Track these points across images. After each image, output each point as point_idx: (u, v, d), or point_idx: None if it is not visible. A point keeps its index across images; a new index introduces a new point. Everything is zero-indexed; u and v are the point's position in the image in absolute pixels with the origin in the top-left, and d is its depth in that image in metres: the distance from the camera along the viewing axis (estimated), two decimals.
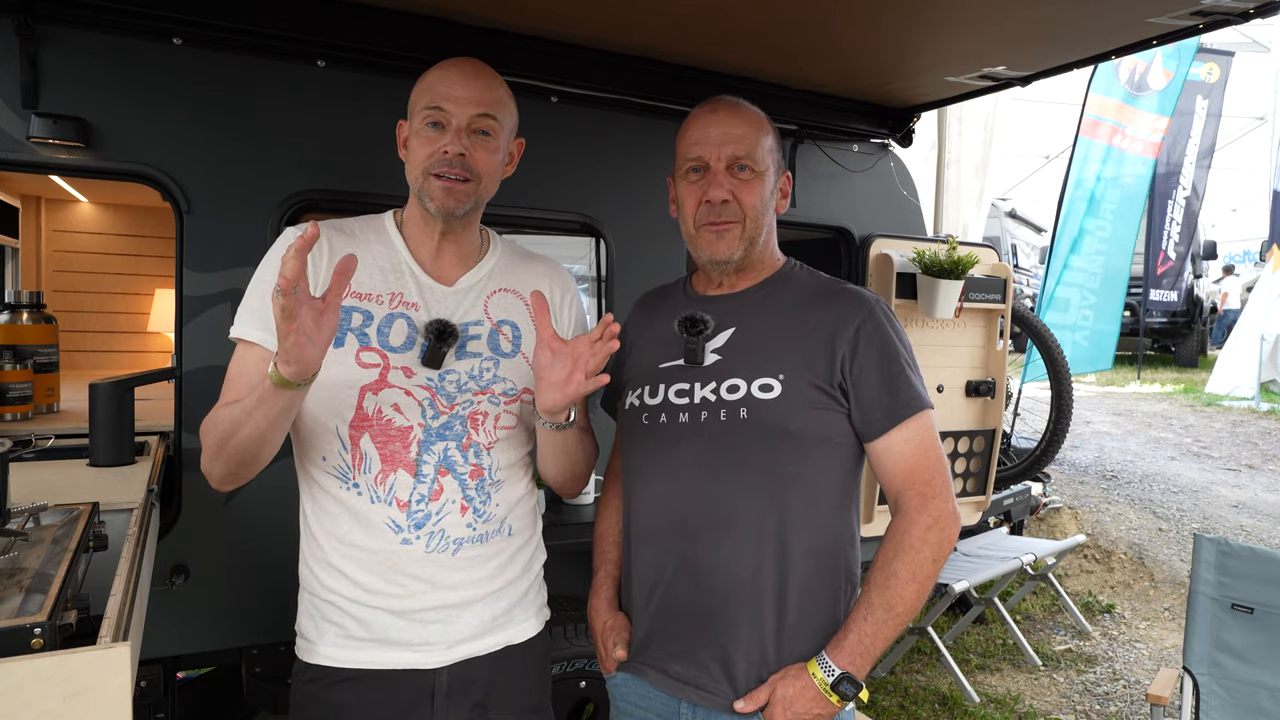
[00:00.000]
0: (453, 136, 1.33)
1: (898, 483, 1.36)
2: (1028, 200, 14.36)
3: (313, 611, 1.39)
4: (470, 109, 1.33)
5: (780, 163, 1.47)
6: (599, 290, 2.65)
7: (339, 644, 1.37)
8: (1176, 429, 8.23)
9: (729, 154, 1.38)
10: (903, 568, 1.31)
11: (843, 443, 1.38)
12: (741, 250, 1.41)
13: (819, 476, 1.37)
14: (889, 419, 1.35)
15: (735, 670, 1.35)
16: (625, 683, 1.47)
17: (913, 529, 1.32)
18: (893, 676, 3.88)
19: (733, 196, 1.38)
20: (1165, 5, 2.01)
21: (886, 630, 1.31)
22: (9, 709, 0.77)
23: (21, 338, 2.48)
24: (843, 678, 1.30)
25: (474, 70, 1.37)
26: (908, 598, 1.31)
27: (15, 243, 3.95)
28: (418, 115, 1.35)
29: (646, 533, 1.45)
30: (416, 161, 1.35)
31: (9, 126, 1.85)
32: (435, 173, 1.33)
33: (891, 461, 1.36)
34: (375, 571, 1.35)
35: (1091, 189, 6.63)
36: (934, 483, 1.34)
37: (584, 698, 2.30)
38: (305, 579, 1.41)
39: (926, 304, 2.98)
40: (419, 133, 1.35)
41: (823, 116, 2.89)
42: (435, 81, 1.35)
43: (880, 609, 1.31)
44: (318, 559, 1.38)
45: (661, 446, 1.43)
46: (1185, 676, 2.35)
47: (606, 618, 1.52)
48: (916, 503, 1.33)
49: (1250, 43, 11.50)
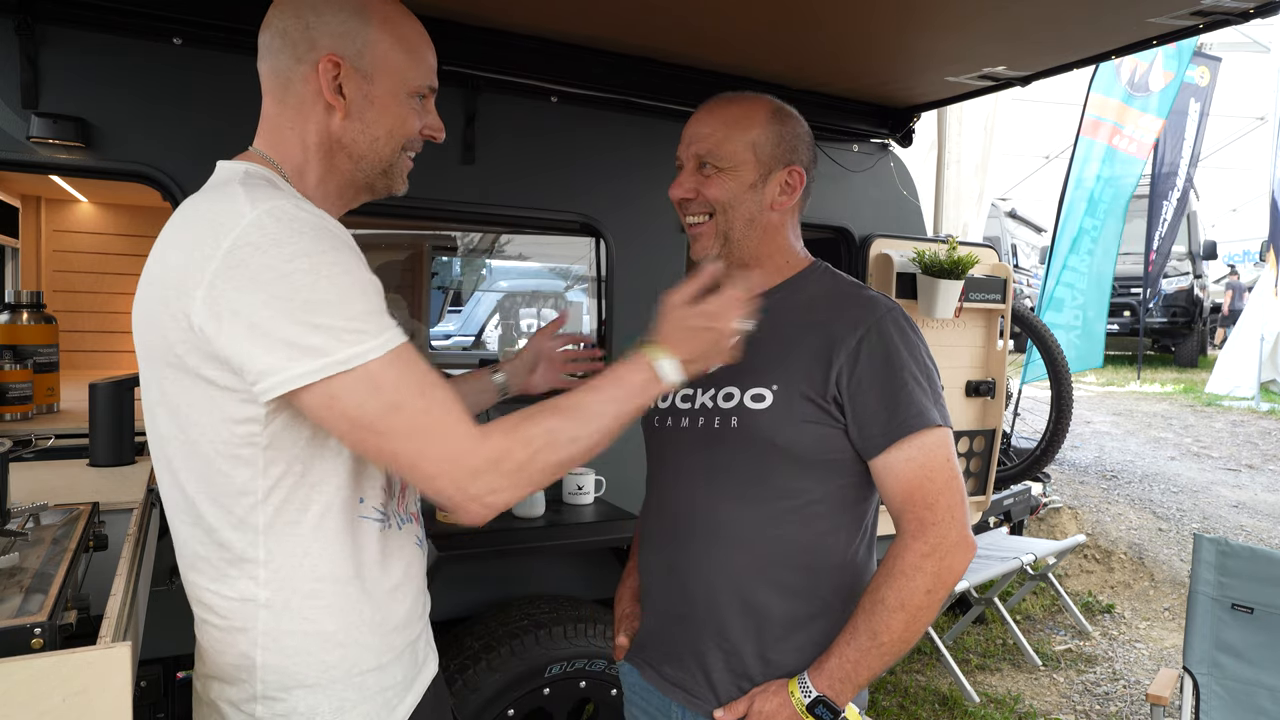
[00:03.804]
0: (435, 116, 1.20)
1: (896, 505, 1.27)
2: (1028, 200, 14.38)
3: (344, 705, 1.09)
4: None
5: (782, 157, 1.39)
6: (599, 290, 2.65)
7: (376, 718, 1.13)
8: (1176, 429, 8.23)
9: (694, 153, 1.38)
10: (891, 595, 1.23)
11: (841, 459, 1.31)
12: (718, 246, 1.38)
13: (814, 492, 1.31)
14: (886, 436, 1.26)
15: (715, 678, 1.35)
16: (630, 674, 1.51)
17: (906, 555, 1.24)
18: (893, 676, 3.88)
19: (696, 192, 1.37)
20: (1165, 5, 2.00)
21: (870, 659, 1.23)
22: (9, 709, 0.77)
23: (21, 338, 2.48)
24: (818, 700, 1.24)
25: None
26: (894, 627, 1.22)
27: (15, 243, 3.94)
28: (408, 82, 1.16)
29: (646, 534, 1.48)
30: (397, 131, 1.15)
31: (9, 126, 1.85)
32: (410, 151, 1.19)
33: (891, 482, 1.27)
34: (413, 598, 1.20)
35: (1091, 189, 6.63)
36: (936, 508, 1.24)
37: (584, 698, 2.30)
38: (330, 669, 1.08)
39: (926, 304, 2.98)
40: (406, 101, 1.15)
41: (823, 116, 2.88)
42: (429, 51, 1.20)
43: (864, 635, 1.24)
44: (358, 640, 1.10)
45: (665, 451, 1.44)
46: (1185, 676, 2.35)
47: (625, 606, 1.55)
48: (914, 528, 1.24)
49: (1250, 43, 11.51)
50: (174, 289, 0.97)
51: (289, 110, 1.12)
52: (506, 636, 2.20)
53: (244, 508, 1.02)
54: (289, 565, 1.05)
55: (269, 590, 1.04)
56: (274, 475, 1.02)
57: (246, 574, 1.04)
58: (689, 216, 1.40)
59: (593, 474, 2.56)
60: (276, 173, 1.11)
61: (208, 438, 1.01)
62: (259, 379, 0.94)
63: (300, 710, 1.06)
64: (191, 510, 1.05)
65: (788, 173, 1.39)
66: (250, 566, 1.04)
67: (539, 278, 6.44)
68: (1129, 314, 11.58)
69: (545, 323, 6.47)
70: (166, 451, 1.06)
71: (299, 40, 1.09)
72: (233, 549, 1.04)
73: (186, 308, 0.95)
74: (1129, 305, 11.39)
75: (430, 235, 4.52)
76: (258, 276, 0.93)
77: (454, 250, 5.25)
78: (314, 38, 1.09)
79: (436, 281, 5.72)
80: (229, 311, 0.93)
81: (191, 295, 0.95)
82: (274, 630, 1.05)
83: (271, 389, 0.94)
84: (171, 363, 0.99)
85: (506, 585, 2.45)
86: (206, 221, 0.98)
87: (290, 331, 0.93)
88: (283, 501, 1.03)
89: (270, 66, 1.12)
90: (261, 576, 1.04)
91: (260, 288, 0.93)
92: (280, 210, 0.97)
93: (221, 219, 0.96)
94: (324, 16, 1.09)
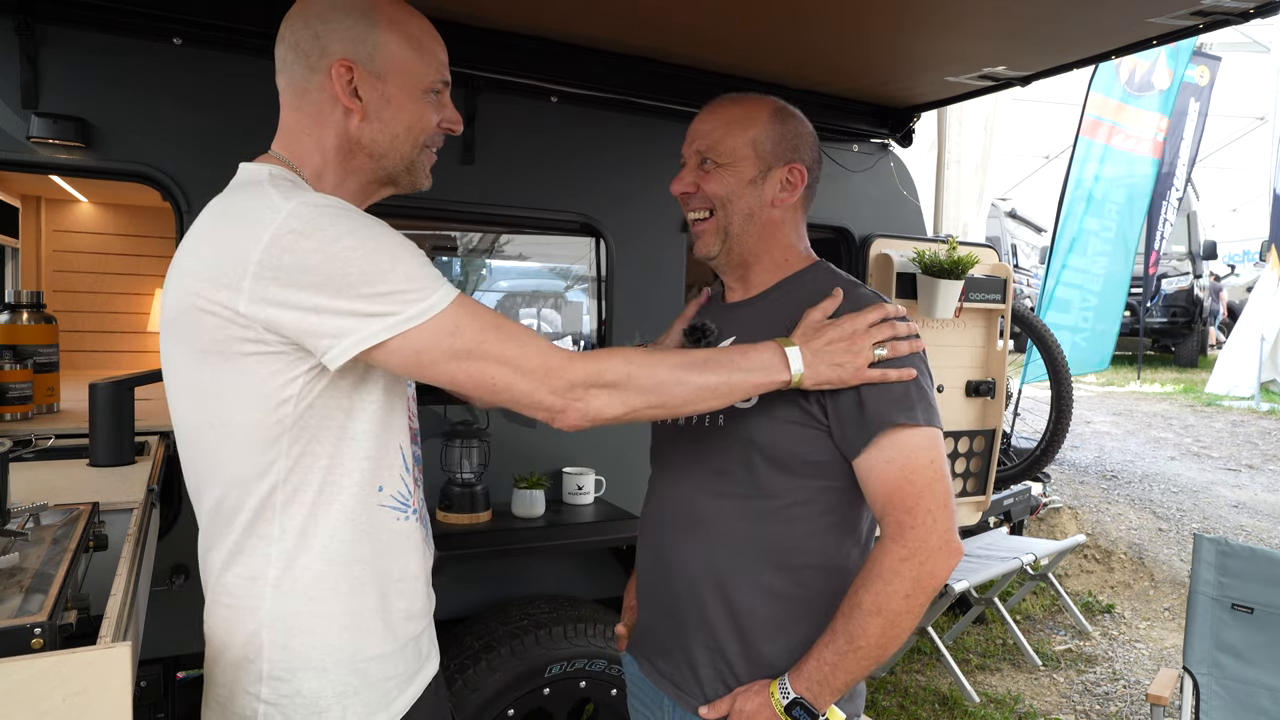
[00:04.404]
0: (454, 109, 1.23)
1: (878, 508, 1.26)
2: (1028, 200, 14.36)
3: (346, 690, 1.11)
4: None
5: (783, 155, 1.40)
6: (599, 290, 2.65)
7: (374, 711, 1.14)
8: (1176, 429, 8.23)
9: (695, 150, 1.41)
10: (868, 599, 1.21)
11: (824, 461, 1.29)
12: (719, 244, 1.40)
13: (798, 494, 1.31)
14: (863, 435, 1.25)
15: (702, 674, 1.36)
16: (630, 665, 1.55)
17: (885, 559, 1.21)
18: (893, 676, 3.88)
19: (696, 187, 1.40)
20: (1165, 5, 2.01)
21: (848, 663, 1.22)
22: (9, 709, 0.77)
23: (21, 338, 2.48)
24: (795, 703, 1.24)
25: None
26: (870, 632, 1.20)
27: (15, 243, 3.94)
28: (421, 79, 1.18)
29: (642, 528, 1.51)
30: (416, 127, 1.19)
31: (9, 126, 1.85)
32: (431, 146, 1.22)
33: (871, 484, 1.26)
34: (421, 591, 1.23)
35: (1090, 189, 6.63)
36: (916, 511, 1.21)
37: (584, 698, 2.30)
38: (336, 652, 1.10)
39: (926, 304, 2.98)
40: (422, 97, 1.18)
41: (823, 116, 2.88)
42: (438, 47, 1.22)
43: (842, 639, 1.22)
44: (364, 625, 1.13)
45: (662, 447, 1.49)
46: (1185, 676, 2.35)
47: (630, 598, 1.60)
48: (894, 531, 1.22)
49: (1250, 43, 11.51)
50: (211, 282, 1.01)
51: (306, 117, 1.16)
52: (506, 636, 2.20)
53: (265, 488, 1.06)
54: (302, 545, 1.08)
55: (278, 568, 1.08)
56: (294, 456, 1.06)
57: (260, 552, 1.08)
58: (691, 213, 1.43)
59: (592, 474, 2.56)
60: (298, 175, 1.15)
61: (237, 420, 1.05)
62: (330, 347, 1.00)
63: (304, 692, 1.09)
64: (212, 491, 1.09)
65: (788, 170, 1.40)
66: (264, 544, 1.07)
67: (539, 278, 6.44)
68: (1129, 314, 11.57)
69: (545, 322, 6.47)
70: (190, 435, 1.11)
71: (310, 50, 1.13)
72: (250, 528, 1.08)
73: (230, 299, 0.99)
74: (1129, 305, 11.38)
75: (430, 235, 4.52)
76: (305, 260, 0.98)
77: (454, 250, 5.25)
78: (325, 46, 1.13)
79: None
80: (284, 296, 0.98)
81: (235, 286, 0.99)
82: (282, 610, 1.08)
83: (344, 352, 1.00)
84: (206, 349, 1.03)
85: (506, 585, 2.46)
86: (243, 215, 1.03)
87: (353, 305, 0.99)
88: (301, 483, 1.07)
89: (287, 79, 1.16)
90: (274, 554, 1.08)
91: (311, 270, 0.98)
92: (314, 200, 1.03)
93: (259, 213, 1.01)
94: (332, 24, 1.13)
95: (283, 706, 1.08)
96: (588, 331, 4.90)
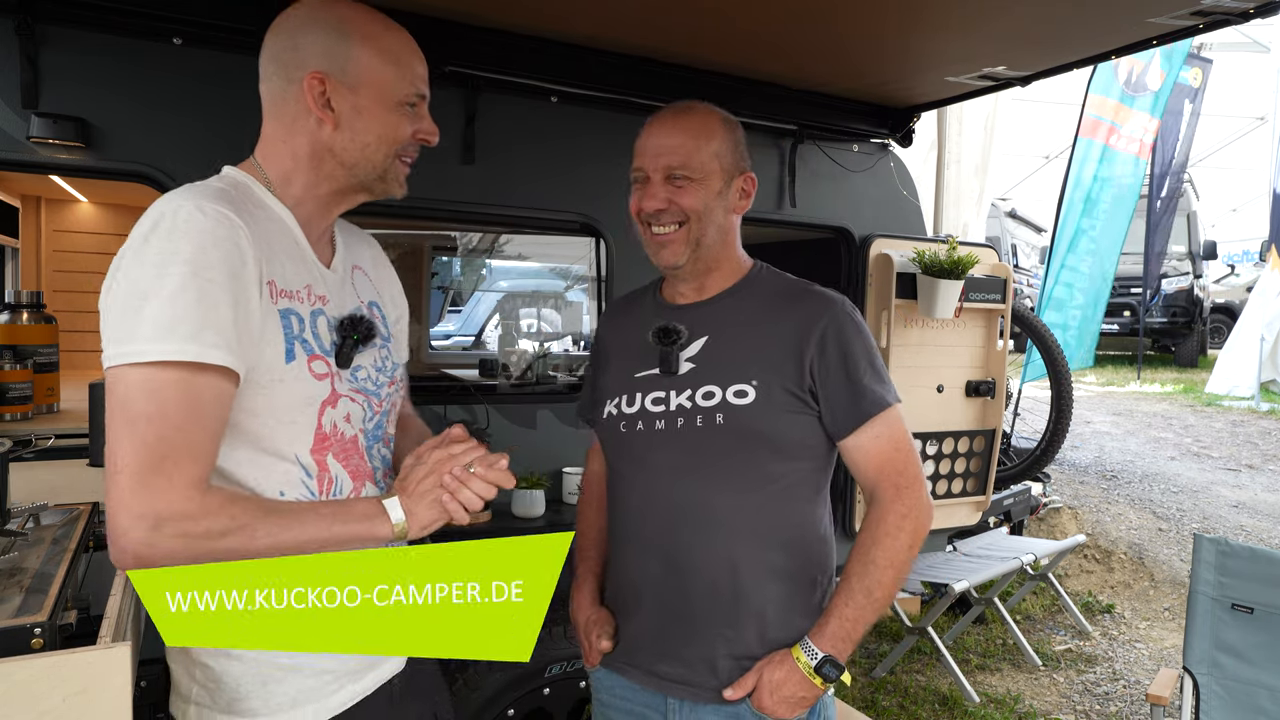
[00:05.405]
0: (429, 121, 1.26)
1: (871, 477, 1.42)
2: (1028, 200, 14.35)
3: (259, 677, 1.15)
4: None
5: (739, 164, 1.46)
6: (599, 290, 2.65)
7: (301, 702, 1.17)
8: (1176, 429, 8.23)
9: (663, 165, 1.41)
10: (880, 555, 1.37)
11: (814, 443, 1.43)
12: (688, 254, 1.43)
13: (792, 476, 1.41)
14: (856, 418, 1.39)
15: (719, 665, 1.40)
16: (607, 677, 1.52)
17: (888, 518, 1.38)
18: (893, 676, 3.88)
19: (670, 203, 1.41)
20: (1165, 5, 2.01)
21: (866, 614, 1.37)
22: (9, 709, 0.77)
23: (21, 338, 2.48)
24: (825, 660, 1.35)
25: None
26: (885, 583, 1.37)
27: (15, 243, 3.94)
28: (395, 92, 1.21)
29: (631, 537, 1.48)
30: (388, 137, 1.21)
31: (9, 126, 1.85)
32: (405, 156, 1.25)
33: (864, 458, 1.41)
34: None
35: (1089, 189, 6.63)
36: (906, 474, 1.40)
37: (584, 698, 2.29)
38: None
39: (926, 304, 2.98)
40: (396, 108, 1.21)
41: (823, 116, 2.89)
42: (415, 61, 1.24)
43: (860, 594, 1.37)
44: None
45: (641, 453, 1.46)
46: (1185, 676, 2.35)
47: (590, 612, 1.57)
48: (891, 494, 1.39)
49: (1250, 43, 11.51)
50: None
51: (281, 126, 1.20)
52: None
53: None
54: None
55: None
56: None
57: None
58: (657, 227, 1.44)
59: None
60: (260, 180, 1.20)
61: None
62: None
63: (226, 680, 1.14)
64: None
65: (744, 179, 1.47)
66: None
67: (539, 278, 6.44)
68: (1129, 314, 11.57)
69: (545, 323, 6.43)
70: None
71: (289, 61, 1.18)
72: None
73: None
74: (1129, 305, 11.37)
75: (430, 235, 4.52)
76: (128, 264, 1.08)
77: (454, 250, 5.24)
78: (301, 58, 1.17)
79: (436, 281, 5.72)
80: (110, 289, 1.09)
81: None
82: None
83: (104, 361, 1.06)
84: None
85: None
86: None
87: (123, 316, 1.07)
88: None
89: (267, 88, 1.21)
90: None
91: (126, 272, 1.08)
92: (181, 211, 1.05)
93: (149, 213, 1.09)
94: (310, 37, 1.18)
95: (210, 689, 1.15)
96: (588, 332, 4.90)
